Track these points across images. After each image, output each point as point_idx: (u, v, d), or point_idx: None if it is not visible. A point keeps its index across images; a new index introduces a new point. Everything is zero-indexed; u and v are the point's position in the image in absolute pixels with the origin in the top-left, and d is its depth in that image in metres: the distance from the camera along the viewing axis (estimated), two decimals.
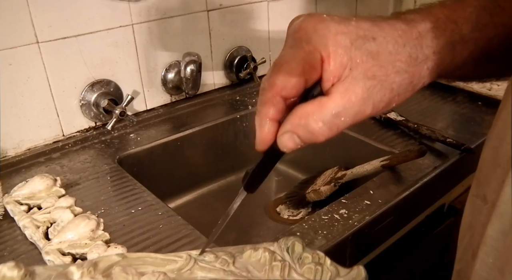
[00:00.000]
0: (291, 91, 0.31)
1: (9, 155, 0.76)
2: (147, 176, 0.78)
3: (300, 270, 0.41)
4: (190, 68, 0.84)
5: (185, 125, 0.88)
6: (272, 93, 0.31)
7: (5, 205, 0.61)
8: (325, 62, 0.31)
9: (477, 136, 0.79)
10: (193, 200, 0.89)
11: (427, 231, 0.79)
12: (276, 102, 0.32)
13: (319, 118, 0.31)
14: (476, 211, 0.30)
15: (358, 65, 0.30)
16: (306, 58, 0.30)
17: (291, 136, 0.32)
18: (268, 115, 0.32)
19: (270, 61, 1.08)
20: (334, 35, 0.30)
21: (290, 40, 0.32)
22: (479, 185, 0.30)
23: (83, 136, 0.82)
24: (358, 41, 0.30)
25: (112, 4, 0.79)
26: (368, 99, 0.31)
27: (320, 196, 0.77)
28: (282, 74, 0.31)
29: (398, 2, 1.31)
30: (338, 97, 0.30)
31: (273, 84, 0.31)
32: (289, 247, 0.43)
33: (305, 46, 0.30)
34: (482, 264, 0.28)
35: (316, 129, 0.31)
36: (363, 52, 0.30)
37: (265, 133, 0.33)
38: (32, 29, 0.72)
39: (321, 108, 0.31)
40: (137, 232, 0.57)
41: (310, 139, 0.32)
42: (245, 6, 0.98)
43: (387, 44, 0.31)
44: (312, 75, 0.31)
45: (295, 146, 0.33)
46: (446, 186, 0.78)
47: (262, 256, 0.42)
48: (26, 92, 0.75)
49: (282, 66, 0.31)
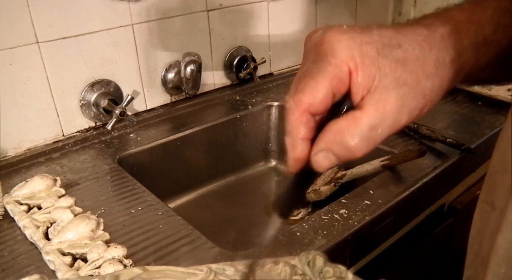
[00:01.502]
0: (319, 107, 0.30)
1: (9, 155, 0.76)
2: (147, 176, 0.78)
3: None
4: (190, 68, 0.84)
5: (185, 125, 0.88)
6: (300, 111, 0.30)
7: (5, 205, 0.61)
8: (353, 74, 0.30)
9: (477, 136, 0.79)
10: (193, 200, 0.89)
11: (427, 231, 0.79)
12: (306, 120, 0.31)
13: (354, 134, 0.30)
14: (485, 217, 0.29)
15: (387, 74, 0.30)
16: (333, 71, 0.29)
17: (326, 154, 0.31)
18: (299, 135, 0.31)
19: (270, 61, 1.09)
20: (359, 46, 0.30)
21: (313, 55, 0.31)
22: (488, 191, 0.29)
23: (83, 136, 0.82)
24: (384, 49, 0.30)
25: (112, 4, 0.79)
26: (403, 107, 0.30)
27: (320, 196, 0.77)
28: (308, 90, 0.30)
29: (398, 2, 1.31)
30: (372, 110, 0.29)
31: (299, 101, 0.30)
32: (310, 261, 0.42)
33: (331, 59, 0.29)
34: (494, 274, 0.28)
35: (353, 145, 0.30)
36: (391, 60, 0.30)
37: (298, 154, 0.32)
38: (32, 29, 0.72)
39: (356, 123, 0.30)
40: (137, 232, 0.57)
41: (347, 156, 0.31)
42: (245, 6, 0.98)
43: (413, 50, 0.30)
44: (340, 89, 0.30)
45: (330, 165, 0.31)
46: (446, 186, 0.78)
47: (282, 270, 0.41)
48: (26, 92, 0.75)
49: (308, 82, 0.30)
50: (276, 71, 1.12)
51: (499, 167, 0.27)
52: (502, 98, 0.90)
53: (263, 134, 0.98)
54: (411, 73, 0.30)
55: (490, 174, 0.30)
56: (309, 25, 1.13)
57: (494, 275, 0.28)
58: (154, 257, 0.53)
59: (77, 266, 0.51)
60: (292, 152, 0.32)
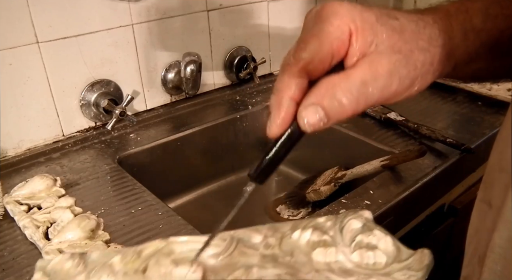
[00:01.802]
0: (318, 66, 0.30)
1: (9, 155, 0.76)
2: (147, 176, 0.78)
3: (350, 254, 0.37)
4: (190, 68, 0.84)
5: (185, 125, 0.88)
6: (298, 67, 0.30)
7: (5, 205, 0.61)
8: (352, 36, 0.30)
9: (477, 136, 0.79)
10: (193, 200, 0.89)
11: (427, 231, 0.79)
12: (300, 79, 0.30)
13: (346, 87, 0.29)
14: (482, 216, 0.29)
15: (383, 41, 0.30)
16: (335, 32, 0.29)
17: (315, 108, 0.29)
18: (289, 93, 0.30)
19: (270, 61, 1.09)
20: (360, 11, 0.30)
21: (313, 20, 0.31)
22: (485, 190, 0.29)
23: (83, 136, 0.82)
24: (382, 18, 0.31)
25: (112, 4, 0.79)
26: (394, 72, 0.30)
27: (320, 196, 0.77)
28: (310, 47, 0.29)
29: (398, 2, 1.31)
30: (366, 67, 0.30)
31: (299, 58, 0.30)
32: (345, 226, 0.39)
33: (333, 20, 0.29)
34: (490, 272, 0.28)
35: (343, 99, 0.29)
36: (388, 27, 0.30)
37: (284, 114, 0.31)
38: (32, 29, 0.72)
39: (349, 77, 0.29)
40: (137, 232, 0.57)
41: (337, 112, 0.30)
42: (245, 6, 0.98)
43: (409, 24, 0.31)
44: (340, 50, 0.30)
45: (318, 123, 0.30)
46: (446, 186, 0.78)
47: (310, 238, 0.38)
48: (26, 92, 0.75)
49: (310, 40, 0.29)
50: (276, 71, 1.12)
51: (496, 166, 0.28)
52: (502, 98, 0.90)
53: (263, 134, 0.98)
54: (406, 43, 0.30)
55: (487, 173, 0.30)
56: None
57: (491, 272, 0.28)
58: None
59: None
60: (278, 111, 0.31)
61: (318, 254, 0.37)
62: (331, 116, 0.29)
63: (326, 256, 0.37)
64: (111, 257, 0.36)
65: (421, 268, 0.35)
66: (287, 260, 0.37)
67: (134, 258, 0.36)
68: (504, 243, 0.26)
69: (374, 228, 0.39)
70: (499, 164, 0.27)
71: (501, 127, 0.31)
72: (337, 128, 0.85)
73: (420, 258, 0.36)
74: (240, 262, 0.36)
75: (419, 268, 0.35)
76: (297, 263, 0.37)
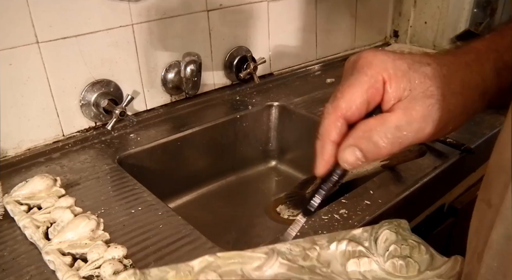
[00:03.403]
0: (355, 112, 0.33)
1: (9, 155, 0.76)
2: (147, 176, 0.78)
3: (384, 264, 0.39)
4: (190, 68, 0.84)
5: (185, 125, 0.88)
6: (336, 115, 0.33)
7: (5, 205, 0.61)
8: (386, 84, 0.33)
9: (477, 136, 0.79)
10: (193, 200, 0.89)
11: (427, 231, 0.79)
12: (340, 125, 0.33)
13: (382, 131, 0.32)
14: (482, 215, 0.30)
15: (416, 86, 0.32)
16: (369, 81, 0.33)
17: (353, 150, 0.33)
18: (330, 138, 0.34)
19: (270, 61, 1.09)
20: (393, 60, 0.33)
21: (350, 70, 0.34)
22: (485, 189, 0.30)
23: (83, 136, 0.82)
24: (415, 65, 0.33)
25: (112, 4, 0.79)
26: (428, 116, 0.32)
27: None
28: (347, 97, 0.33)
29: (398, 2, 1.31)
30: (400, 113, 0.32)
31: (337, 106, 0.33)
32: (380, 236, 0.41)
33: (367, 70, 0.33)
34: (487, 268, 0.28)
35: (380, 141, 0.32)
36: (420, 74, 0.33)
37: (327, 156, 0.34)
38: (32, 29, 0.72)
39: (384, 122, 0.32)
40: (137, 232, 0.57)
41: (373, 153, 0.33)
42: (245, 6, 0.98)
43: (441, 69, 0.33)
44: (375, 98, 0.33)
45: (356, 161, 0.33)
46: (446, 186, 0.78)
47: (346, 249, 0.40)
48: (26, 92, 0.75)
49: (346, 90, 0.33)
50: (276, 71, 1.12)
51: (496, 166, 0.28)
52: None
53: (263, 134, 0.98)
54: (438, 88, 0.33)
55: (488, 173, 0.30)
56: (309, 25, 1.13)
57: (488, 268, 0.29)
58: (154, 257, 0.53)
59: (77, 266, 0.51)
60: (321, 154, 0.34)
61: (352, 264, 0.39)
62: (368, 156, 0.33)
63: (360, 265, 0.39)
64: (167, 272, 0.38)
65: (453, 274, 0.37)
66: (324, 271, 0.39)
67: (187, 274, 0.38)
68: (501, 239, 0.27)
69: (409, 237, 0.41)
70: (498, 164, 0.28)
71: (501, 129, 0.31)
72: None
73: (453, 265, 0.38)
74: (280, 274, 0.38)
75: (451, 274, 0.37)
76: (333, 273, 0.39)
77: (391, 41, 1.35)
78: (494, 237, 0.27)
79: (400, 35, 1.34)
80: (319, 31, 1.16)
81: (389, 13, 1.33)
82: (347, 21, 1.22)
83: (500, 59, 0.35)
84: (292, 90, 1.04)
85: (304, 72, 1.15)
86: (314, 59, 1.19)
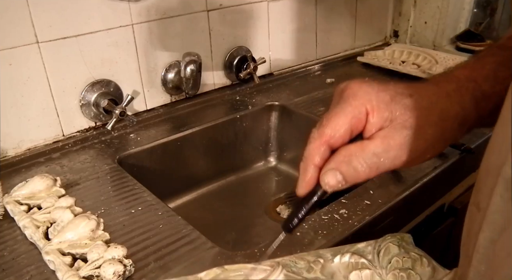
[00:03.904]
0: (339, 139, 0.35)
1: (9, 155, 0.76)
2: (147, 176, 0.78)
3: (386, 276, 0.41)
4: (190, 68, 0.84)
5: (185, 125, 0.88)
6: (321, 141, 0.36)
7: (5, 205, 0.61)
8: (369, 114, 0.35)
9: (477, 136, 0.79)
10: (193, 200, 0.89)
11: (427, 231, 0.79)
12: (323, 150, 0.36)
13: (361, 157, 0.35)
14: (472, 218, 0.30)
15: (397, 117, 0.35)
16: (353, 111, 0.35)
17: (334, 173, 0.35)
18: (314, 161, 0.36)
19: (270, 61, 1.09)
20: (376, 92, 0.35)
21: (338, 98, 0.37)
22: (476, 193, 0.31)
23: (83, 136, 0.82)
24: (397, 97, 0.35)
25: (112, 4, 0.79)
26: (405, 146, 0.35)
27: None
28: (332, 125, 0.35)
29: (398, 2, 1.31)
30: (379, 141, 0.35)
31: (322, 133, 0.35)
32: (382, 249, 0.43)
33: (352, 101, 0.35)
34: (475, 272, 0.29)
35: (358, 166, 0.35)
36: (401, 106, 0.35)
37: (309, 178, 0.37)
38: (32, 29, 0.72)
39: (364, 148, 0.35)
40: (137, 232, 0.57)
41: (352, 176, 0.35)
42: (245, 6, 0.98)
43: (422, 101, 0.35)
44: (357, 127, 0.36)
45: (336, 184, 0.35)
46: (446, 186, 0.78)
47: (349, 261, 0.42)
48: (26, 92, 0.75)
49: (331, 118, 0.35)
50: (276, 71, 1.12)
51: (484, 170, 0.29)
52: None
53: (263, 134, 0.98)
54: (417, 119, 0.35)
55: (478, 177, 0.31)
56: (309, 25, 1.13)
57: (475, 272, 0.29)
58: (154, 257, 0.53)
59: (77, 266, 0.51)
60: (304, 175, 0.37)
61: (354, 275, 0.40)
62: (347, 179, 0.35)
63: (362, 277, 0.40)
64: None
65: None
66: None
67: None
68: (488, 243, 0.27)
69: (411, 250, 0.42)
70: (486, 168, 0.28)
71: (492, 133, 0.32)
72: None
73: (454, 277, 0.39)
74: None
75: None
76: None
77: (391, 41, 1.35)
78: (481, 240, 0.28)
79: (400, 35, 1.34)
80: (319, 31, 1.16)
81: (389, 13, 1.33)
82: (347, 21, 1.22)
83: (479, 89, 0.37)
84: (292, 90, 1.04)
85: (304, 72, 1.15)
86: (314, 59, 1.19)
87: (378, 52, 1.20)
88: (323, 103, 0.97)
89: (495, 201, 0.26)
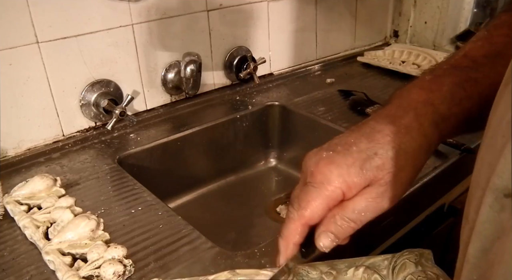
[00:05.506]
0: (317, 219, 0.38)
1: (9, 155, 0.76)
2: (147, 176, 0.78)
3: None
4: (190, 68, 0.84)
5: (185, 125, 0.88)
6: (301, 222, 0.38)
7: (5, 205, 0.61)
8: (346, 194, 0.37)
9: (477, 136, 0.79)
10: (193, 200, 0.89)
11: (427, 231, 0.79)
12: (302, 230, 0.38)
13: (343, 215, 0.37)
14: (463, 230, 0.31)
15: (372, 181, 0.37)
16: (330, 195, 0.37)
17: (326, 234, 0.38)
18: (294, 240, 0.39)
19: (270, 61, 1.09)
20: (347, 170, 0.37)
21: (310, 177, 0.38)
22: (467, 206, 0.31)
23: (83, 136, 0.82)
24: (365, 164, 0.37)
25: (112, 4, 0.79)
26: (383, 198, 0.38)
27: None
28: (311, 207, 0.37)
29: (398, 2, 1.31)
30: (358, 199, 0.37)
31: (302, 216, 0.38)
32: (398, 265, 0.43)
33: (328, 186, 0.37)
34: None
35: (344, 223, 0.37)
36: (373, 169, 0.37)
37: (290, 254, 0.39)
38: (32, 29, 0.72)
39: (344, 208, 0.37)
40: (137, 232, 0.57)
41: (342, 232, 0.38)
42: (245, 6, 0.98)
43: (387, 153, 0.37)
44: (335, 203, 0.38)
45: (331, 243, 0.38)
46: (446, 186, 0.78)
47: (362, 275, 0.43)
48: (26, 92, 0.75)
49: (310, 203, 0.37)
50: (276, 71, 1.12)
51: (474, 182, 0.29)
52: None
53: (263, 134, 0.98)
54: (389, 172, 0.37)
55: (469, 190, 0.31)
56: (309, 25, 1.13)
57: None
58: (154, 257, 0.53)
59: (77, 266, 0.51)
60: (285, 253, 0.39)
61: None
62: (339, 236, 0.38)
63: None
64: None
65: None
66: None
67: None
68: (477, 253, 0.27)
69: (429, 269, 0.42)
70: (476, 179, 0.28)
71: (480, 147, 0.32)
72: (337, 128, 0.85)
73: None
74: None
75: None
76: None
77: (391, 41, 1.35)
78: (470, 251, 0.28)
79: (400, 35, 1.34)
80: (319, 31, 1.16)
81: (389, 13, 1.33)
82: (347, 21, 1.22)
83: (436, 112, 0.39)
84: (292, 90, 1.04)
85: (304, 72, 1.15)
86: (314, 59, 1.19)
87: (378, 52, 1.20)
88: (323, 103, 0.96)
89: (484, 212, 0.26)
